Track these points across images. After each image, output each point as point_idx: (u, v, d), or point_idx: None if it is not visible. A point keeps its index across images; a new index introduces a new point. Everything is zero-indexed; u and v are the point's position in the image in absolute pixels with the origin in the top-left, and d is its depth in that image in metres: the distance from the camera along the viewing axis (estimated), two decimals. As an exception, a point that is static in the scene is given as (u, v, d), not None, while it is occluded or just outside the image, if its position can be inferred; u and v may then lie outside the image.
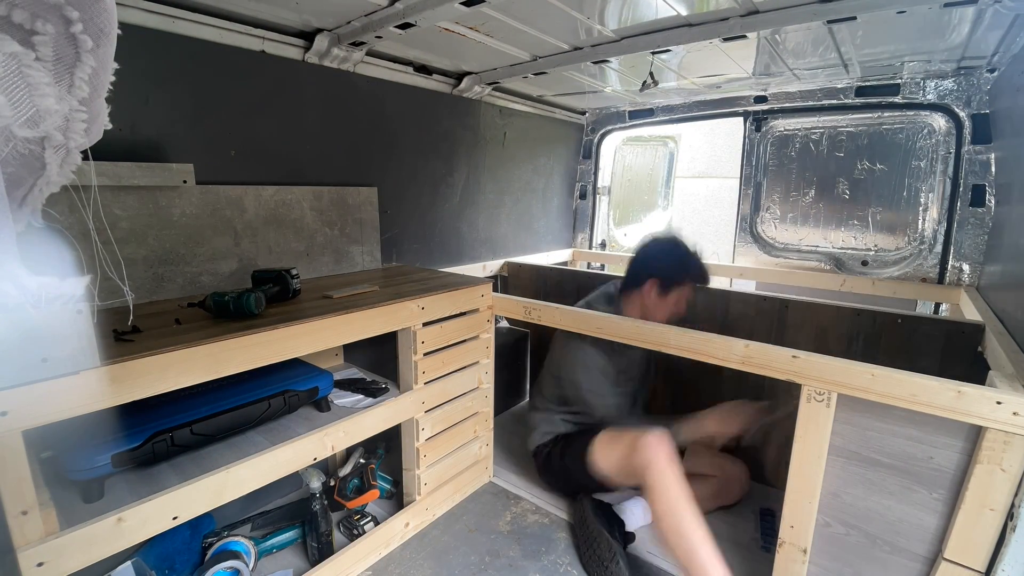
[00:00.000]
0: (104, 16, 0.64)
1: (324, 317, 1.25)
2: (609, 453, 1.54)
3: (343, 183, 1.90)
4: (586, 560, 1.49)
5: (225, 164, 1.58)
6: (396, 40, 1.75)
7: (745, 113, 2.58)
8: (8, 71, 0.57)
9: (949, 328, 1.56)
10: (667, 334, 1.37)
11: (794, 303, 1.85)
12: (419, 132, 2.20)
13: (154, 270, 1.41)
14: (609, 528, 1.52)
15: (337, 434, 1.35)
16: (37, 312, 0.74)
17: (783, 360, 1.17)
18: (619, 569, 1.40)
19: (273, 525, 1.59)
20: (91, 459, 0.99)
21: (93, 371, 0.87)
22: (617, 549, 1.44)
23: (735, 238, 2.71)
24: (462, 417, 1.74)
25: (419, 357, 1.53)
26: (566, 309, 1.61)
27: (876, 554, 1.14)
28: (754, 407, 1.53)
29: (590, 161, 3.20)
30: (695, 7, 1.49)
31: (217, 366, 1.06)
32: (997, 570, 0.96)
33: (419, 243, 2.29)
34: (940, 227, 2.14)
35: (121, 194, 1.32)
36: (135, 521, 0.98)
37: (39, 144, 0.64)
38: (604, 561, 1.43)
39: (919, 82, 2.09)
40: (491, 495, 1.84)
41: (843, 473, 1.15)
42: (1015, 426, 0.92)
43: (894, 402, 1.03)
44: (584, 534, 1.54)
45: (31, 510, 0.85)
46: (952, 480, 1.03)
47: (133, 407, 0.97)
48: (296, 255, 1.74)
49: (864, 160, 2.29)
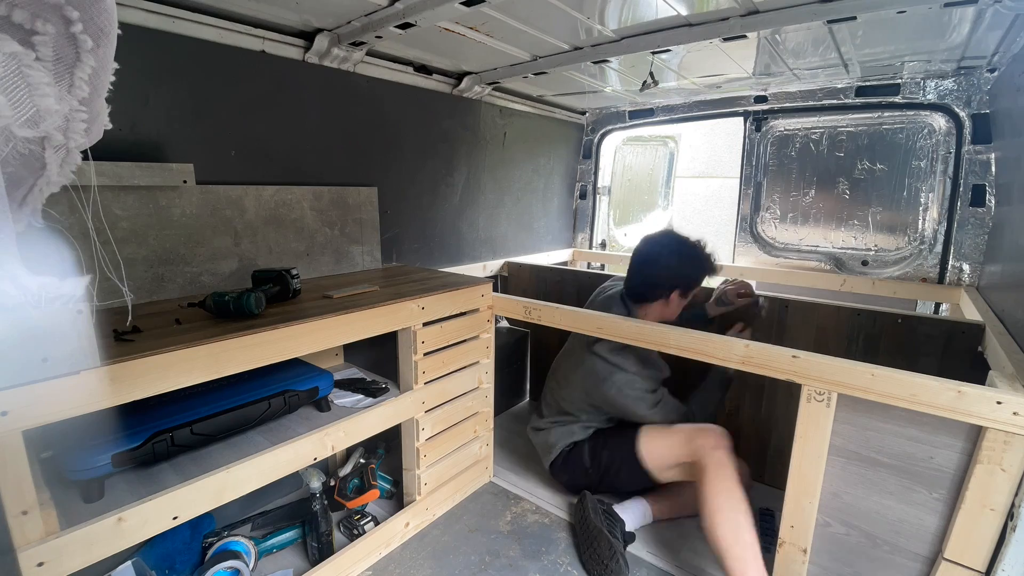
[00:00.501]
0: (104, 16, 0.64)
1: (324, 317, 1.25)
2: (660, 446, 1.53)
3: (343, 183, 1.90)
4: (586, 559, 1.49)
5: (225, 164, 1.59)
6: (396, 40, 1.75)
7: (745, 113, 2.58)
8: (8, 71, 0.57)
9: (949, 328, 1.56)
10: (667, 334, 1.37)
11: (794, 303, 1.85)
12: (419, 132, 2.20)
13: (154, 270, 1.41)
14: (610, 527, 1.51)
15: (337, 434, 1.35)
16: (37, 312, 0.74)
17: (783, 360, 1.17)
18: (619, 567, 1.40)
19: (273, 525, 1.58)
20: (91, 459, 0.99)
21: (93, 371, 0.87)
22: (617, 548, 1.44)
23: (735, 238, 2.71)
24: (462, 417, 1.73)
25: (419, 357, 1.53)
26: (566, 309, 1.61)
27: (876, 554, 1.14)
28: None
29: (590, 161, 3.20)
30: (695, 7, 1.49)
31: (217, 366, 1.06)
32: (997, 570, 0.96)
33: (419, 243, 2.29)
34: (940, 227, 2.14)
35: (121, 194, 1.32)
36: (135, 521, 0.98)
37: (39, 144, 0.64)
38: (604, 560, 1.42)
39: (919, 82, 2.09)
40: (491, 495, 1.84)
41: (843, 473, 1.15)
42: (1015, 426, 0.92)
43: (894, 402, 1.03)
44: (584, 533, 1.53)
45: (31, 510, 0.85)
46: (952, 480, 1.03)
47: (133, 407, 0.97)
48: (296, 255, 1.74)
49: (864, 160, 2.29)
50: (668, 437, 1.52)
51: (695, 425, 1.48)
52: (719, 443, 1.41)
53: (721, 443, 1.41)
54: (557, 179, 3.11)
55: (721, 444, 1.41)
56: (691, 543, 1.60)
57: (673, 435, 1.51)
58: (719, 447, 1.40)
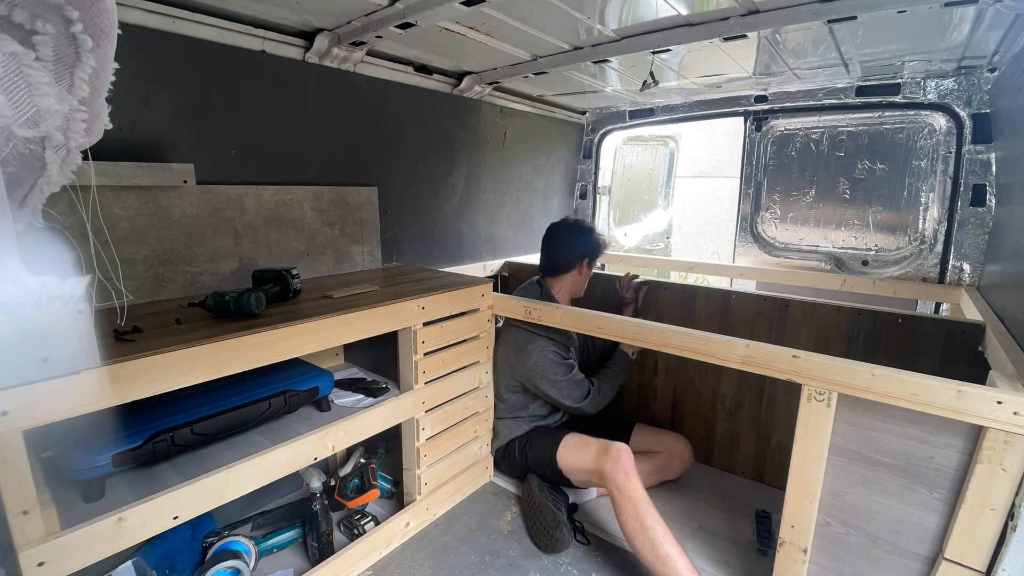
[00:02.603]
0: (104, 16, 0.64)
1: (324, 317, 1.25)
2: (575, 459, 1.63)
3: (343, 183, 1.90)
4: (533, 532, 1.60)
5: (225, 164, 1.59)
6: (396, 40, 1.75)
7: (745, 113, 2.58)
8: (8, 71, 0.57)
9: (950, 328, 1.56)
10: (667, 334, 1.37)
11: (794, 303, 1.85)
12: (419, 132, 2.20)
13: (155, 270, 1.41)
14: (554, 501, 1.64)
15: (337, 434, 1.35)
16: (38, 312, 0.74)
17: (784, 360, 1.17)
18: (563, 536, 1.53)
19: (274, 525, 1.59)
20: (92, 459, 0.99)
21: (94, 371, 0.88)
22: (561, 519, 1.56)
23: (735, 238, 2.71)
24: (462, 417, 1.74)
25: (419, 357, 1.53)
26: (566, 309, 1.61)
27: (876, 554, 1.14)
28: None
29: (590, 161, 3.20)
30: (695, 7, 1.49)
31: (218, 366, 1.06)
32: (997, 570, 0.96)
33: (419, 243, 2.29)
34: (941, 227, 2.14)
35: (122, 194, 1.32)
36: (136, 521, 0.98)
37: (39, 144, 0.64)
38: (549, 531, 1.55)
39: (919, 82, 2.09)
40: (491, 495, 1.84)
41: (843, 473, 1.15)
42: (1016, 426, 0.92)
43: (894, 402, 1.03)
44: (531, 508, 1.65)
45: (32, 510, 0.85)
46: (953, 480, 1.03)
47: (134, 407, 0.97)
48: (296, 255, 1.75)
49: (865, 160, 2.29)
50: (581, 452, 1.62)
51: (603, 443, 1.56)
52: (617, 466, 1.47)
53: (620, 465, 1.46)
54: (557, 179, 3.11)
55: (620, 467, 1.46)
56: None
57: (585, 450, 1.60)
58: (618, 470, 1.46)
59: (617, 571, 1.48)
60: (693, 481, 1.92)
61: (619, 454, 1.49)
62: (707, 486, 1.91)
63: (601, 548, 1.58)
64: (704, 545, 1.59)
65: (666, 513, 1.71)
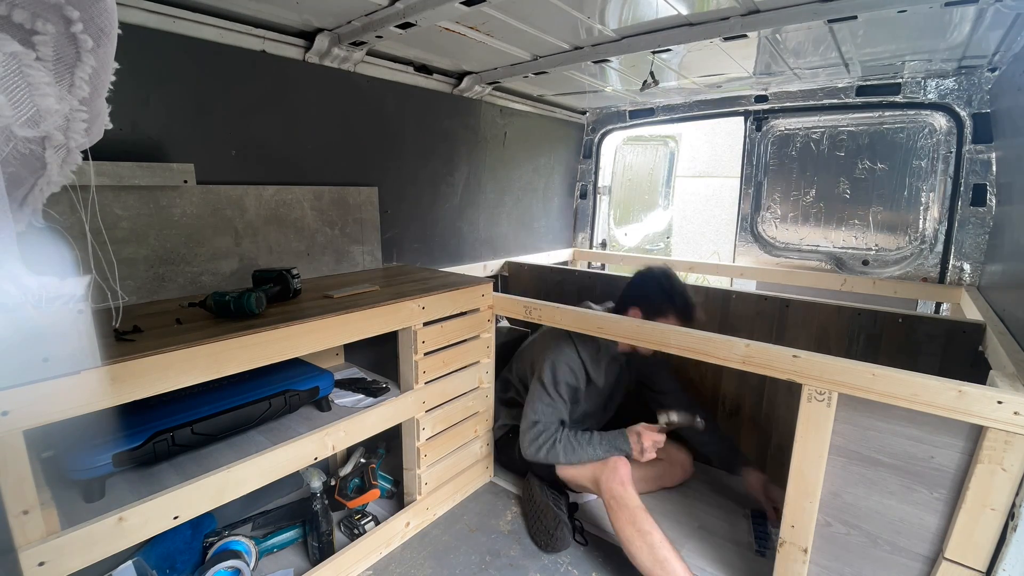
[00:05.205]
0: (104, 16, 0.64)
1: (325, 317, 1.25)
2: (574, 473, 1.61)
3: (344, 183, 1.90)
4: (533, 531, 1.61)
5: (225, 164, 1.59)
6: (396, 40, 1.75)
7: (746, 112, 2.58)
8: (8, 71, 0.58)
9: (950, 328, 1.56)
10: (667, 334, 1.37)
11: (795, 303, 1.85)
12: (419, 132, 2.20)
13: (155, 270, 1.41)
14: (555, 501, 1.64)
15: (338, 434, 1.35)
16: (38, 312, 0.75)
17: (784, 360, 1.17)
18: (563, 535, 1.53)
19: (274, 525, 1.59)
20: (92, 459, 0.99)
21: (94, 371, 0.87)
22: (562, 518, 1.56)
23: (736, 238, 2.71)
24: (462, 417, 1.74)
25: (420, 357, 1.53)
26: (567, 309, 1.61)
27: (877, 554, 1.14)
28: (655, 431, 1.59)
29: (590, 161, 3.19)
30: (695, 6, 1.49)
31: (218, 366, 1.06)
32: (998, 570, 0.96)
33: (420, 243, 2.29)
34: (941, 226, 2.14)
35: (122, 194, 1.32)
36: (136, 521, 0.98)
37: (40, 144, 0.64)
38: (549, 530, 1.55)
39: (920, 81, 2.09)
40: (491, 495, 1.84)
41: (844, 473, 1.15)
42: (1016, 426, 0.92)
43: (895, 402, 1.03)
44: (531, 507, 1.66)
45: (32, 510, 0.85)
46: (953, 480, 1.03)
47: (134, 407, 0.97)
48: (297, 255, 1.74)
49: (865, 159, 2.29)
50: (579, 467, 1.59)
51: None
52: (614, 476, 1.48)
53: (615, 479, 1.47)
54: (557, 179, 3.11)
55: (616, 477, 1.47)
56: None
57: (583, 466, 1.58)
58: (614, 480, 1.47)
59: (617, 571, 1.48)
60: (693, 481, 1.92)
61: (616, 463, 1.50)
62: (707, 486, 1.91)
63: (601, 548, 1.58)
64: (704, 545, 1.59)
65: (666, 513, 1.73)
